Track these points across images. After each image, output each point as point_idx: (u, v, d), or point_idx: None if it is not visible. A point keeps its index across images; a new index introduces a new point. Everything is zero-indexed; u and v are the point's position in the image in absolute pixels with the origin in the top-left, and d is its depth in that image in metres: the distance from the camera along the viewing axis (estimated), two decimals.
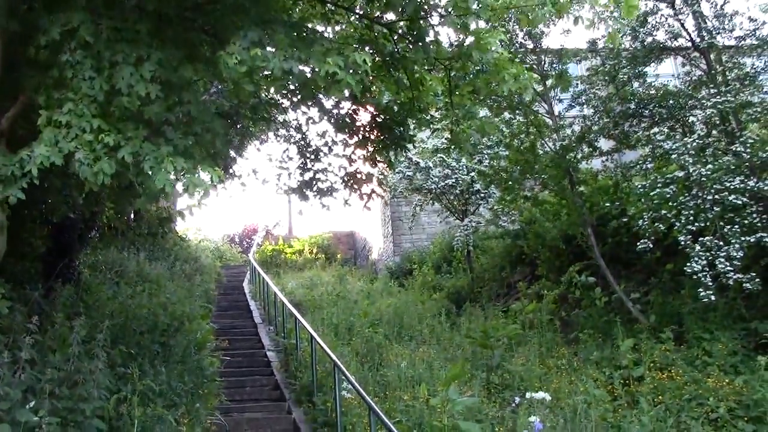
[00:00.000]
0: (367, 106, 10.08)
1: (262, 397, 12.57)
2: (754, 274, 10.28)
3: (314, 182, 10.43)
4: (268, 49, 6.33)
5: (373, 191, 10.17)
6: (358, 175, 10.26)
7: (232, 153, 14.71)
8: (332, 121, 10.42)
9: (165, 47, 6.50)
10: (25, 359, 6.28)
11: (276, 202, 70.55)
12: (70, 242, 12.19)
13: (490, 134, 13.72)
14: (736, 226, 10.63)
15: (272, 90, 10.72)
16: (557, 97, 15.36)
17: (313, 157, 10.88)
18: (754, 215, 10.58)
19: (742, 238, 10.49)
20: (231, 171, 13.10)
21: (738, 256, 10.39)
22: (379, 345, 13.60)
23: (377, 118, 10.02)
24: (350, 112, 10.22)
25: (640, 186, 12.08)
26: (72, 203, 10.76)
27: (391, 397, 10.48)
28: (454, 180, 19.60)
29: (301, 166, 10.78)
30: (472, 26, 7.54)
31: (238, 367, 13.66)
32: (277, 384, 12.98)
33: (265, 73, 6.33)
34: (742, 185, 10.72)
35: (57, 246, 11.65)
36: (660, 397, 9.80)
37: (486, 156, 17.60)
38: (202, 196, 6.08)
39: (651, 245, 11.53)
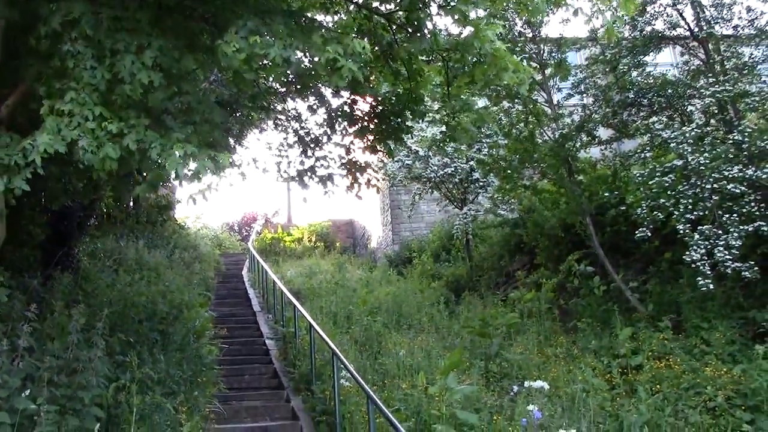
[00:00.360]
0: (366, 97, 10.09)
1: (261, 386, 12.60)
2: (752, 262, 10.29)
3: (314, 170, 10.45)
4: (267, 37, 6.33)
5: (369, 180, 10.19)
6: (356, 164, 10.28)
7: (232, 142, 14.72)
8: (331, 110, 10.43)
9: (165, 36, 6.50)
10: (24, 347, 6.31)
11: (275, 191, 70.50)
12: (69, 230, 12.21)
13: (487, 124, 13.74)
14: (735, 215, 10.64)
15: (271, 79, 10.73)
16: (556, 86, 15.34)
17: (312, 145, 10.90)
18: (753, 204, 10.58)
19: (741, 227, 10.50)
20: (230, 160, 13.07)
21: (736, 245, 10.40)
22: (377, 333, 13.64)
23: (376, 109, 10.03)
24: (349, 102, 10.22)
25: (638, 175, 12.08)
26: (71, 191, 10.77)
27: (389, 386, 10.52)
28: (453, 168, 19.61)
29: (301, 154, 10.80)
30: (472, 15, 7.53)
31: (237, 356, 13.70)
32: (275, 372, 13.01)
33: (264, 61, 6.32)
34: (740, 174, 10.72)
35: (56, 234, 11.65)
36: (658, 385, 9.82)
37: (485, 145, 17.61)
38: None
39: (649, 234, 11.55)
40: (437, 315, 15.32)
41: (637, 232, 11.62)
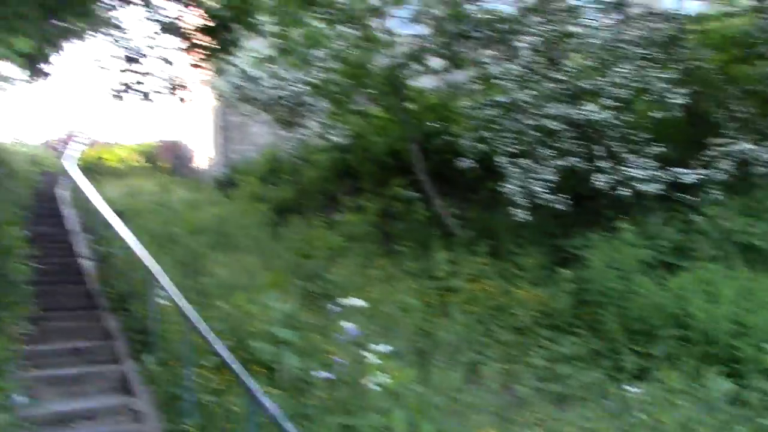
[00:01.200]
0: (196, 9, 9.72)
1: (76, 306, 12.09)
2: (564, 195, 10.89)
3: (138, 85, 10.02)
4: None
5: (192, 97, 9.91)
6: (181, 81, 9.96)
7: (49, 51, 13.77)
8: (160, 22, 9.97)
9: None
10: None
11: (99, 108, 67.05)
12: None
13: (322, 47, 13.56)
14: (551, 150, 11.16)
15: None
16: (392, 14, 15.27)
17: (137, 59, 10.42)
18: (569, 141, 11.14)
19: (556, 162, 11.05)
20: (45, 70, 12.18)
21: (551, 179, 10.95)
22: (200, 254, 13.37)
23: (207, 23, 9.70)
24: (179, 14, 9.83)
25: (465, 107, 12.37)
26: None
27: (208, 305, 10.37)
28: (284, 92, 19.27)
29: (125, 68, 10.32)
30: None
31: (52, 276, 13.05)
32: (91, 293, 12.54)
33: None
34: (559, 112, 11.22)
35: None
36: (472, 306, 10.29)
37: (318, 68, 17.37)
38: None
39: (472, 163, 11.90)
40: (262, 237, 15.20)
41: (459, 160, 11.95)
